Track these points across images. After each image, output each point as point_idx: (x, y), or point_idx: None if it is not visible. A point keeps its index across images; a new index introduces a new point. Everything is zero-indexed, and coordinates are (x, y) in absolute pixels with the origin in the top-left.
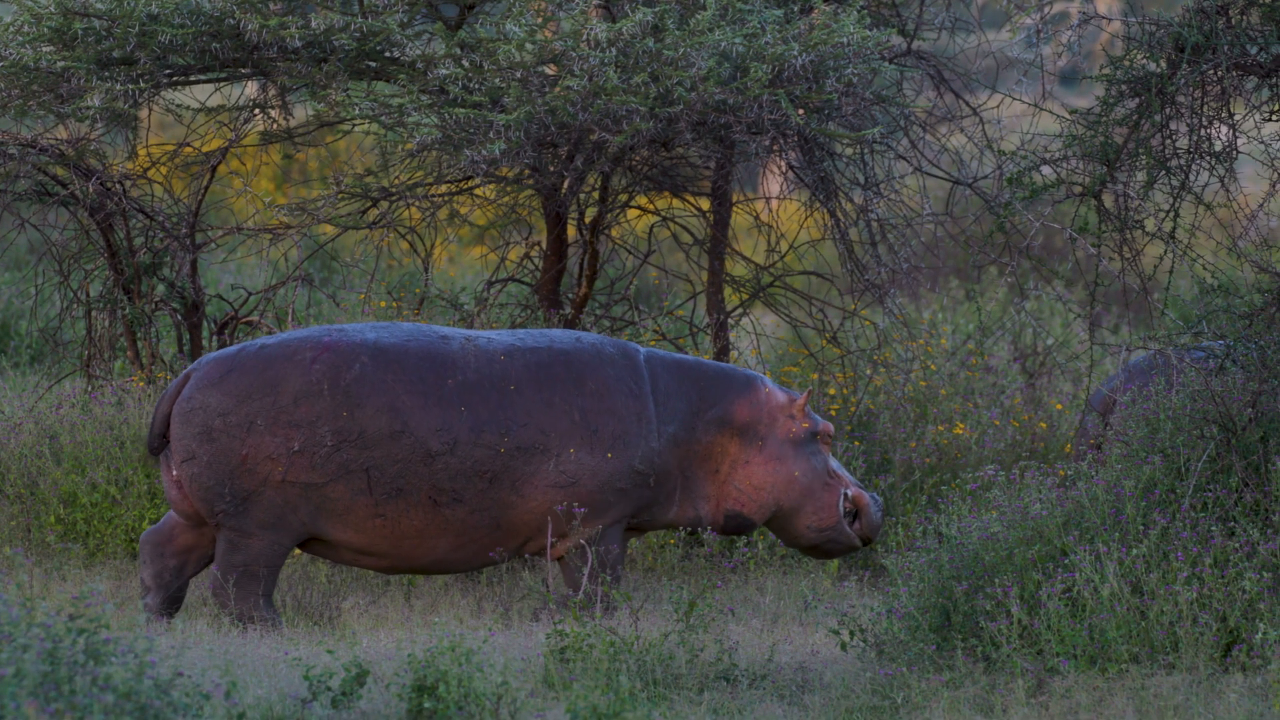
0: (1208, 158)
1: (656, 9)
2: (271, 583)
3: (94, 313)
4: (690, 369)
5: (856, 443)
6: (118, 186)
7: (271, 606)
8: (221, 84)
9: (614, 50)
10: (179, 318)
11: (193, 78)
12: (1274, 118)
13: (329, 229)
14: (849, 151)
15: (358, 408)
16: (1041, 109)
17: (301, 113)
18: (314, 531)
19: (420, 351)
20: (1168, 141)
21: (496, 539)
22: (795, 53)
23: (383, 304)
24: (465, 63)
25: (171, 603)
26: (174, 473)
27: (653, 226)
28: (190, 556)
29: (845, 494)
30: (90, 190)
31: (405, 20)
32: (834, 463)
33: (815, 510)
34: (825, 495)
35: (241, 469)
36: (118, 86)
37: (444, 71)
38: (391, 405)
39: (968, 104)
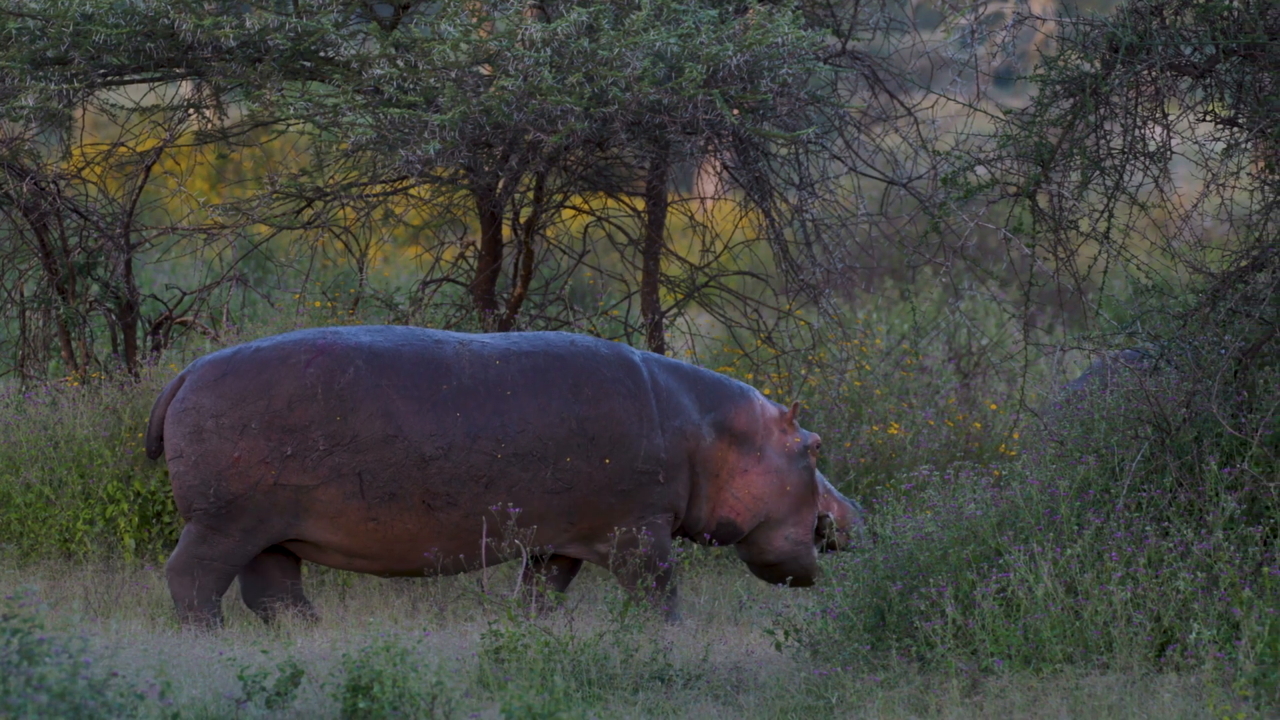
0: (1142, 158)
1: (591, 9)
2: (227, 583)
3: (28, 312)
4: (687, 372)
5: None
6: (52, 186)
7: (216, 606)
8: (156, 84)
9: (549, 50)
10: (113, 318)
11: (127, 77)
12: (1208, 118)
13: (264, 229)
14: (784, 152)
15: (351, 412)
16: (976, 109)
17: (236, 112)
18: (298, 535)
19: (415, 356)
20: (1102, 142)
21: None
22: (730, 53)
23: (318, 304)
24: (400, 63)
25: (298, 598)
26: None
27: (588, 226)
28: (286, 572)
29: (829, 517)
30: (24, 190)
31: (340, 20)
32: (821, 478)
33: (796, 524)
34: (806, 512)
35: (232, 471)
36: (52, 86)
37: (379, 71)
38: (385, 410)
39: (902, 104)
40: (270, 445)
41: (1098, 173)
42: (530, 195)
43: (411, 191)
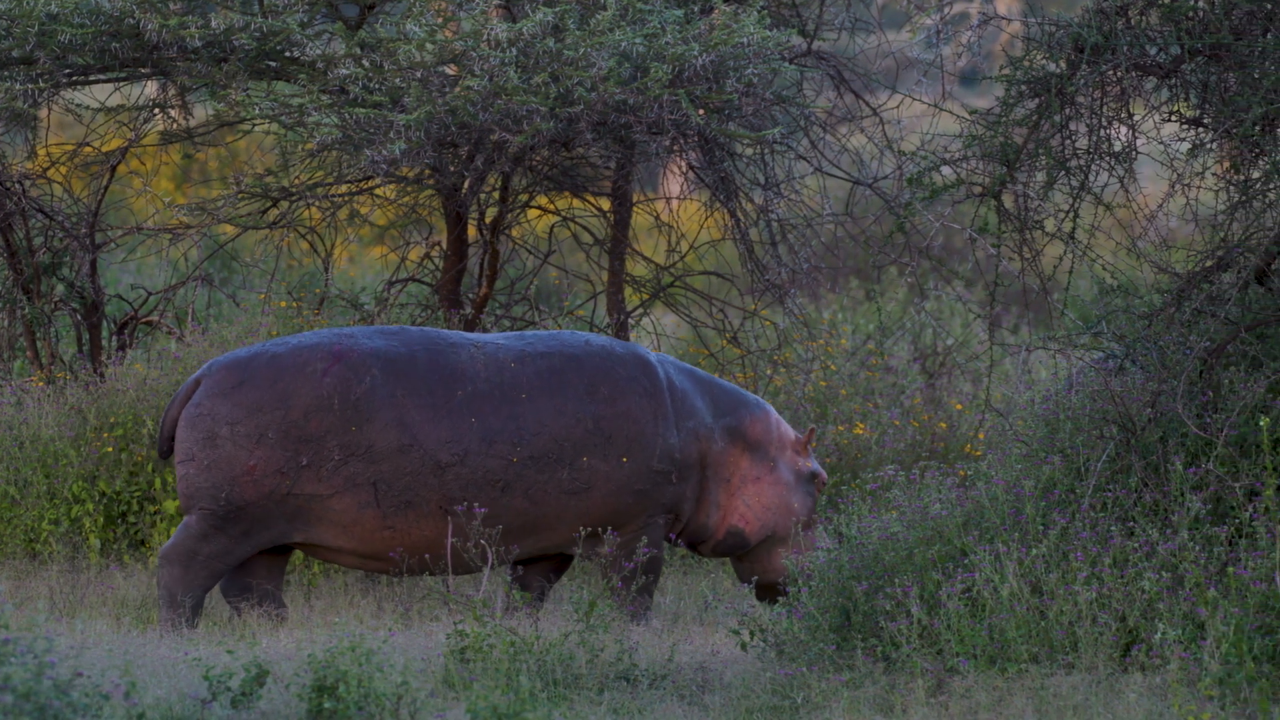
0: (1107, 158)
1: (557, 9)
2: (216, 580)
3: None
4: (702, 377)
5: None
6: (17, 186)
7: (198, 603)
8: (121, 84)
9: (514, 50)
10: (78, 317)
11: (92, 77)
12: (1173, 118)
13: (229, 229)
14: (749, 152)
15: (367, 422)
16: (941, 109)
17: (201, 112)
18: (308, 539)
19: (429, 362)
20: (1067, 142)
21: (506, 544)
22: (695, 53)
23: (283, 304)
24: (365, 62)
25: (275, 601)
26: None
27: (553, 226)
28: (272, 572)
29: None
30: None
31: (305, 20)
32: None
33: (797, 548)
34: (808, 535)
35: (246, 479)
36: (17, 86)
37: (344, 71)
38: (400, 420)
39: (868, 104)
40: (286, 455)
41: (1063, 173)
42: (496, 195)
43: (377, 191)
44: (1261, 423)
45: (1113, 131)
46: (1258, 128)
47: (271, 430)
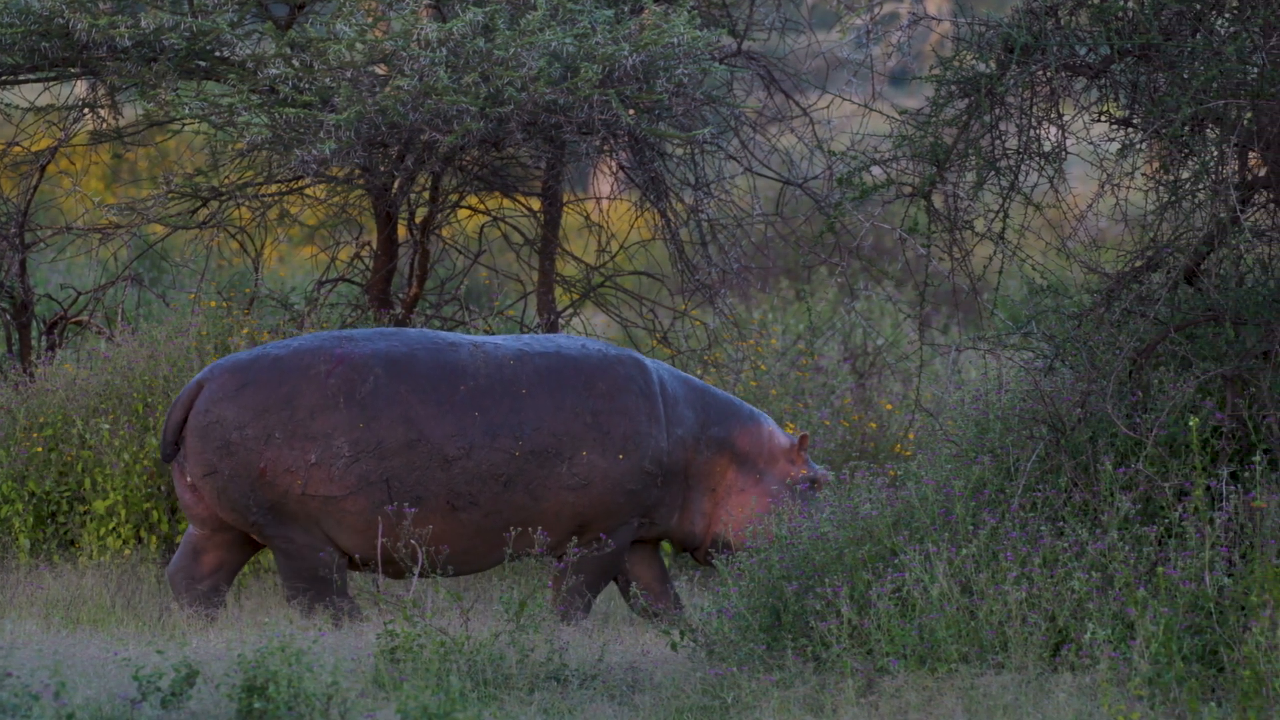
0: (1037, 158)
1: (487, 9)
2: (338, 581)
3: None
4: (696, 385)
5: None
6: None
7: (347, 596)
8: (51, 83)
9: (445, 50)
10: (8, 317)
11: (21, 77)
12: (1102, 118)
13: (159, 228)
14: (679, 152)
15: (374, 419)
16: (871, 109)
17: (131, 112)
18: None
19: (430, 359)
20: (997, 142)
21: (508, 541)
22: (626, 53)
23: (213, 304)
24: (295, 62)
25: (215, 598)
26: (188, 479)
27: (483, 226)
28: (221, 575)
29: None
30: None
31: (235, 20)
32: None
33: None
34: None
35: (261, 481)
36: None
37: (274, 71)
38: (406, 415)
39: (798, 104)
40: (294, 455)
41: (993, 173)
42: (426, 195)
43: (307, 191)
44: (1191, 423)
45: (1042, 132)
46: (1187, 128)
47: (278, 431)
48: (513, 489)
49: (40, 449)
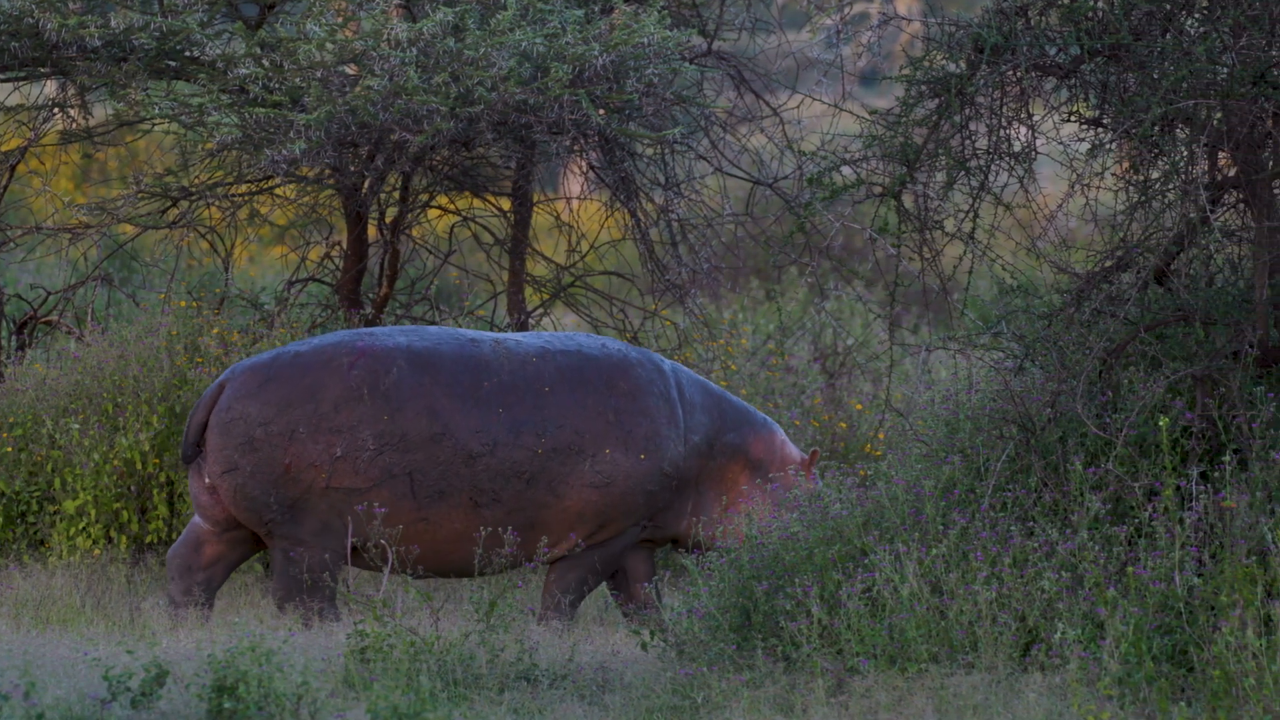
0: (1007, 158)
1: (457, 9)
2: (332, 592)
3: None
4: (713, 389)
5: None
6: None
7: (335, 607)
8: (20, 83)
9: (415, 50)
10: None
11: None
12: (1072, 118)
13: (129, 228)
14: (650, 151)
15: (397, 412)
16: (841, 109)
17: (101, 112)
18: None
19: (454, 354)
20: (967, 142)
21: (531, 539)
22: (596, 53)
23: (183, 304)
24: (266, 62)
25: (202, 594)
26: (206, 480)
27: (454, 226)
28: (217, 569)
29: None
30: None
31: (205, 20)
32: None
33: None
34: None
35: (285, 477)
36: None
37: (244, 71)
38: (430, 408)
39: (768, 104)
40: (319, 449)
41: (963, 173)
42: (396, 195)
43: (277, 191)
44: (1161, 423)
45: (1012, 132)
46: (1156, 128)
47: (302, 425)
48: (535, 486)
49: (10, 449)
